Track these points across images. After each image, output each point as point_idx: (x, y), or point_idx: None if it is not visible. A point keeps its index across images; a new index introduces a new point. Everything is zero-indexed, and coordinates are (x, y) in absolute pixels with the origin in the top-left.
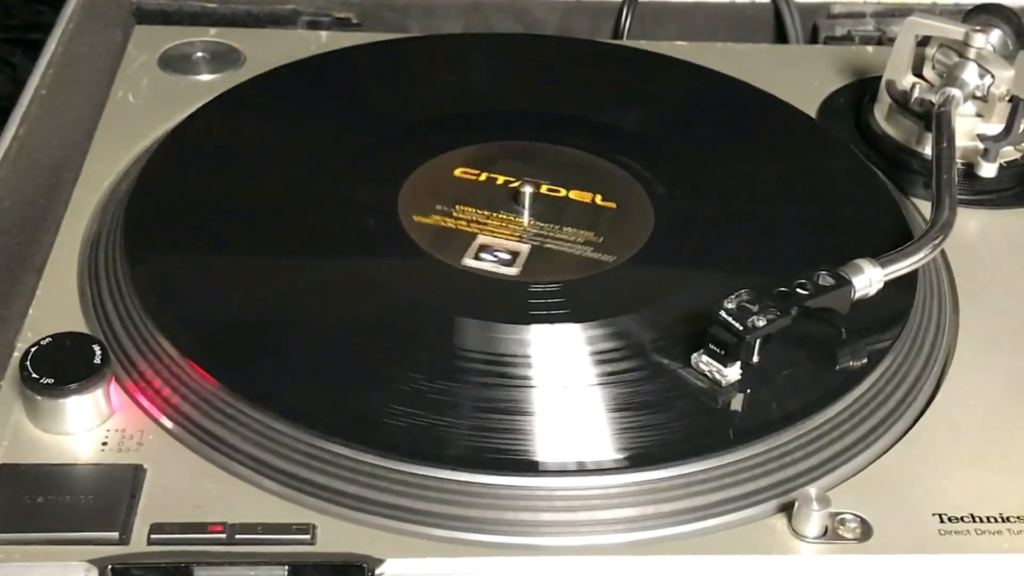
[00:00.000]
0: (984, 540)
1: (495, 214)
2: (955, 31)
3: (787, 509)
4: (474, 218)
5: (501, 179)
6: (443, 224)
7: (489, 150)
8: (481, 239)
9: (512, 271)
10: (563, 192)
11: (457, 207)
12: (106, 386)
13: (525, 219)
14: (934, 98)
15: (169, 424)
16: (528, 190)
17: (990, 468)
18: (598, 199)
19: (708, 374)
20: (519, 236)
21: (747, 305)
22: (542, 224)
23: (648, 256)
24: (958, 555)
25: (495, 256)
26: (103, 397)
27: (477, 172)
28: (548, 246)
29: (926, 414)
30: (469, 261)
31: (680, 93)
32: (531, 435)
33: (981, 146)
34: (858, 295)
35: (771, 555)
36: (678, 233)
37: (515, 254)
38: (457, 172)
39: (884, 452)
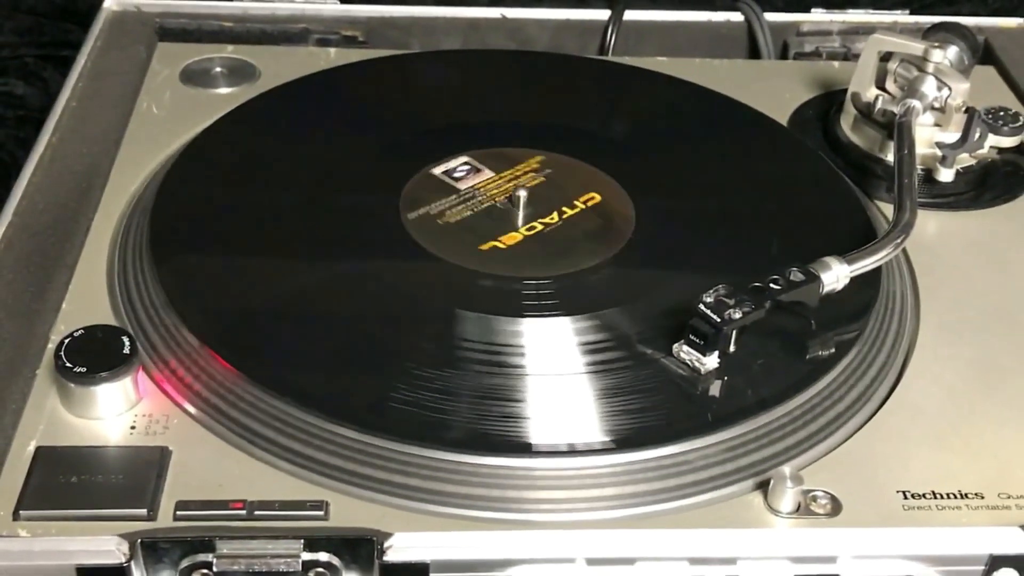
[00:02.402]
0: (944, 515)
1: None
2: (915, 47)
3: (763, 487)
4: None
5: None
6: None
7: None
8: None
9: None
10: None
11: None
12: (134, 374)
13: (519, 220)
14: (896, 109)
15: (192, 409)
16: (521, 194)
17: (950, 449)
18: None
19: (688, 363)
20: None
21: (724, 299)
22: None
23: (632, 254)
24: (921, 528)
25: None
26: (131, 385)
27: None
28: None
29: (890, 400)
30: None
31: (662, 104)
32: (525, 419)
33: (939, 153)
34: (826, 290)
35: (749, 529)
36: (660, 233)
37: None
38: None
39: (852, 435)
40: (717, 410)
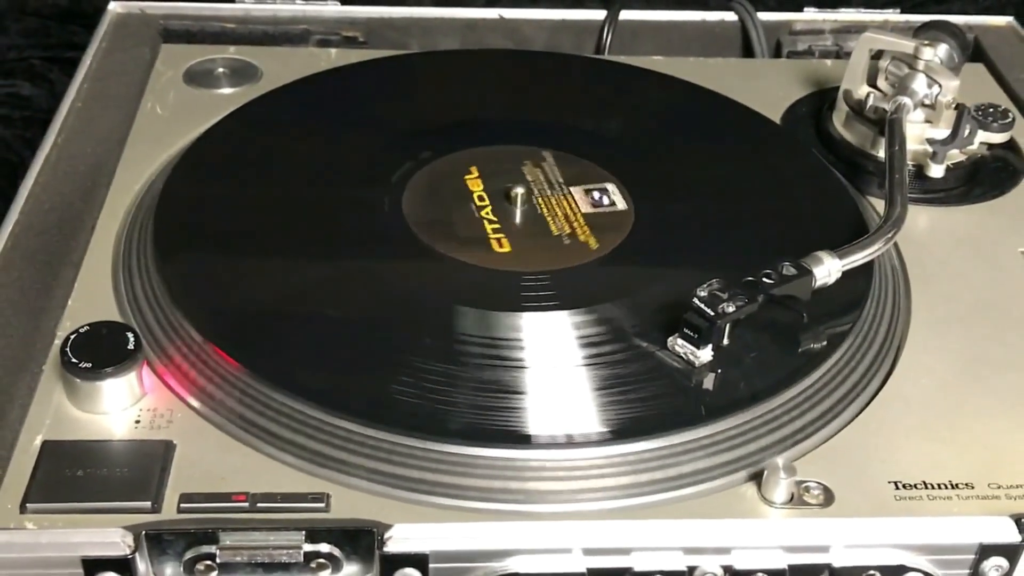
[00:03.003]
0: (935, 504)
1: (490, 212)
2: (906, 45)
3: (757, 478)
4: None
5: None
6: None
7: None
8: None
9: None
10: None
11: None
12: (139, 370)
13: (517, 216)
14: (887, 106)
15: (196, 404)
16: (519, 190)
17: (940, 440)
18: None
19: (683, 356)
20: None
21: (718, 293)
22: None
23: (628, 249)
24: (912, 518)
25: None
26: (136, 380)
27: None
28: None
29: (882, 392)
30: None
31: (657, 102)
32: (524, 411)
33: (930, 149)
34: (819, 284)
35: (743, 519)
36: (655, 228)
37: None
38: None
39: (844, 426)
40: (711, 402)
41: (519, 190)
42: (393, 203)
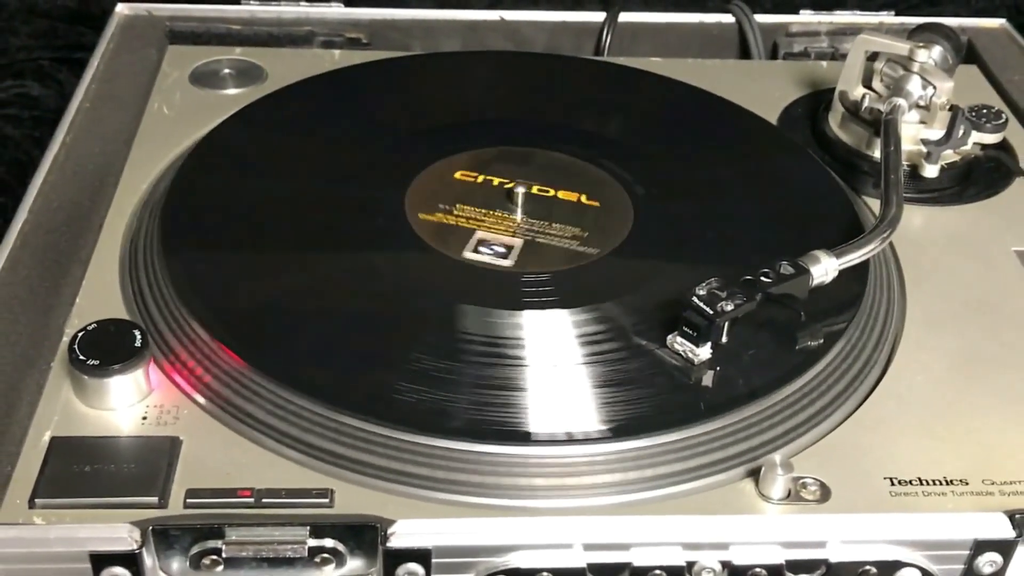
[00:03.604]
0: (930, 501)
1: (491, 212)
2: (901, 47)
3: (754, 474)
4: (472, 216)
5: (496, 181)
6: (445, 221)
7: (485, 155)
8: (479, 234)
9: (507, 263)
10: (552, 192)
11: (457, 206)
12: (145, 367)
13: (518, 216)
14: (882, 107)
15: (202, 400)
16: (520, 191)
17: (935, 437)
18: (583, 198)
19: (682, 353)
20: (513, 232)
21: (716, 292)
22: (533, 221)
23: (628, 249)
24: (907, 514)
25: (492, 249)
26: (143, 376)
27: (474, 175)
28: (539, 240)
29: (878, 389)
30: (469, 254)
31: (655, 103)
32: (524, 409)
33: (924, 150)
34: (815, 282)
35: (740, 515)
36: (655, 228)
37: (509, 247)
38: (457, 175)
39: (841, 423)
40: (710, 399)
41: (520, 189)
42: (396, 202)
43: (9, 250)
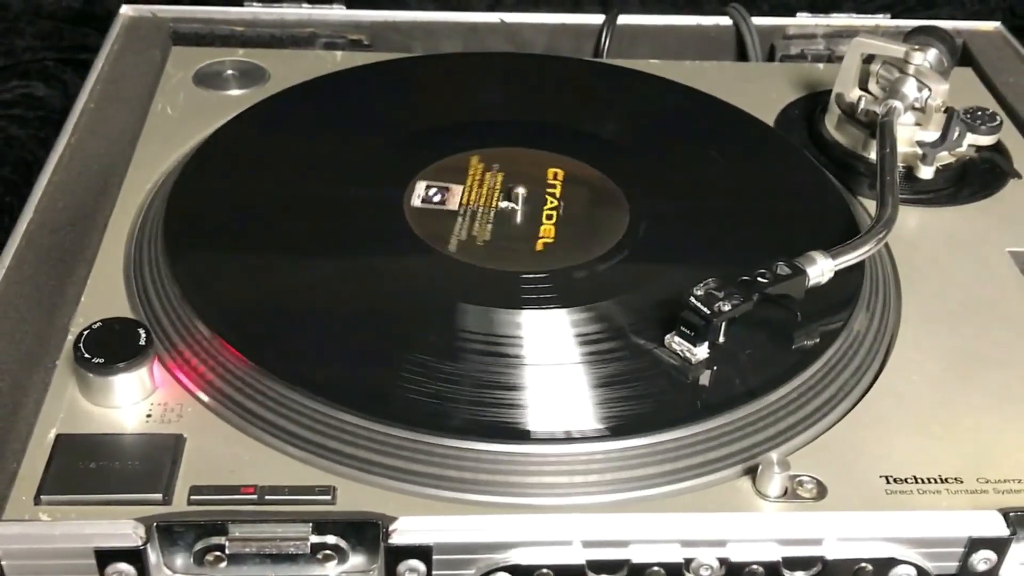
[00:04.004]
0: (925, 498)
1: (491, 212)
2: (896, 50)
3: (751, 472)
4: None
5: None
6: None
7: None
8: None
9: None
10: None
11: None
12: (150, 365)
13: (517, 216)
14: (878, 109)
15: (205, 398)
16: (520, 190)
17: (930, 435)
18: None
19: (680, 353)
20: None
21: (714, 292)
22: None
23: (626, 248)
24: (903, 512)
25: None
26: (147, 374)
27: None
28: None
29: (874, 388)
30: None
31: (653, 105)
32: (524, 407)
33: (920, 152)
34: (812, 283)
35: (738, 513)
36: (652, 228)
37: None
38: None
39: (837, 422)
40: (707, 398)
41: (519, 190)
42: (397, 202)
43: (15, 249)
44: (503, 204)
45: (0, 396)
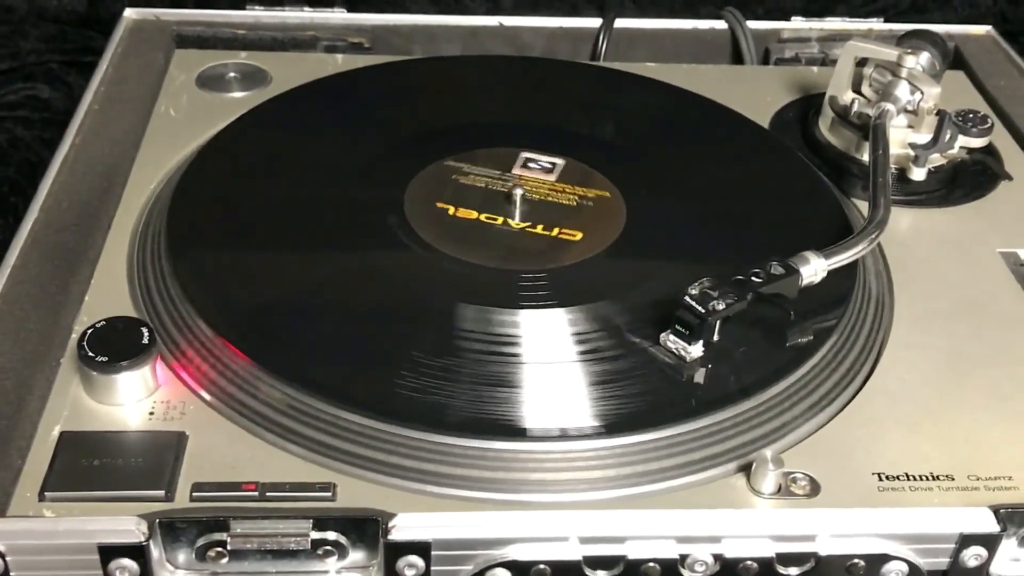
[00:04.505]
0: (917, 495)
1: (490, 213)
2: (889, 53)
3: (746, 469)
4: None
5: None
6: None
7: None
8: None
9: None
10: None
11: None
12: (152, 363)
13: (516, 217)
14: (871, 112)
15: (208, 396)
16: (518, 192)
17: (922, 433)
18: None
19: (675, 351)
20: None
21: (708, 291)
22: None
23: (622, 249)
24: (895, 509)
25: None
26: (150, 373)
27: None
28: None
29: (866, 386)
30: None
31: (650, 107)
32: (521, 405)
33: (912, 153)
34: (805, 282)
35: (732, 509)
36: (648, 228)
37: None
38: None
39: (830, 419)
40: (702, 396)
41: (518, 191)
42: (396, 203)
43: (20, 249)
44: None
45: (5, 394)
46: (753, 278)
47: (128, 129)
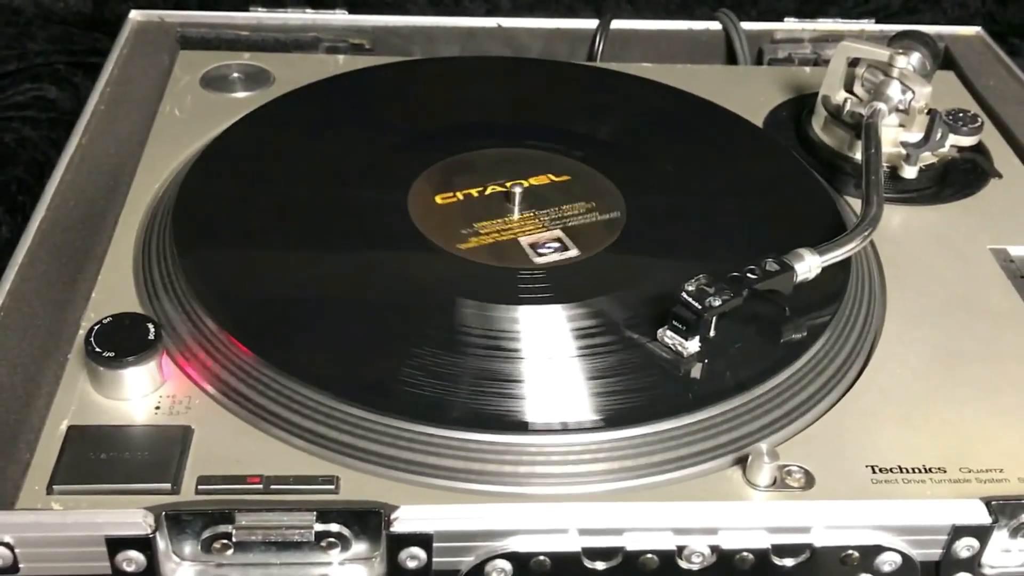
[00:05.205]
0: (910, 487)
1: (489, 211)
2: (881, 54)
3: (741, 462)
4: (472, 214)
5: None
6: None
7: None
8: (524, 240)
9: (573, 253)
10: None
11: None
12: (159, 358)
13: (515, 215)
14: (863, 111)
15: (213, 391)
16: (518, 190)
17: (914, 427)
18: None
19: (672, 347)
20: (543, 227)
21: (705, 288)
22: (530, 217)
23: (620, 246)
24: (888, 501)
25: (549, 248)
26: (156, 368)
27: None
28: (571, 224)
29: (860, 381)
30: (536, 259)
31: (646, 107)
32: (521, 399)
33: (903, 152)
34: (799, 279)
35: (728, 502)
36: (645, 226)
37: (559, 240)
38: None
39: (824, 413)
40: (698, 391)
41: (517, 189)
42: (398, 201)
43: (28, 247)
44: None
45: (14, 389)
46: (748, 275)
47: (133, 129)
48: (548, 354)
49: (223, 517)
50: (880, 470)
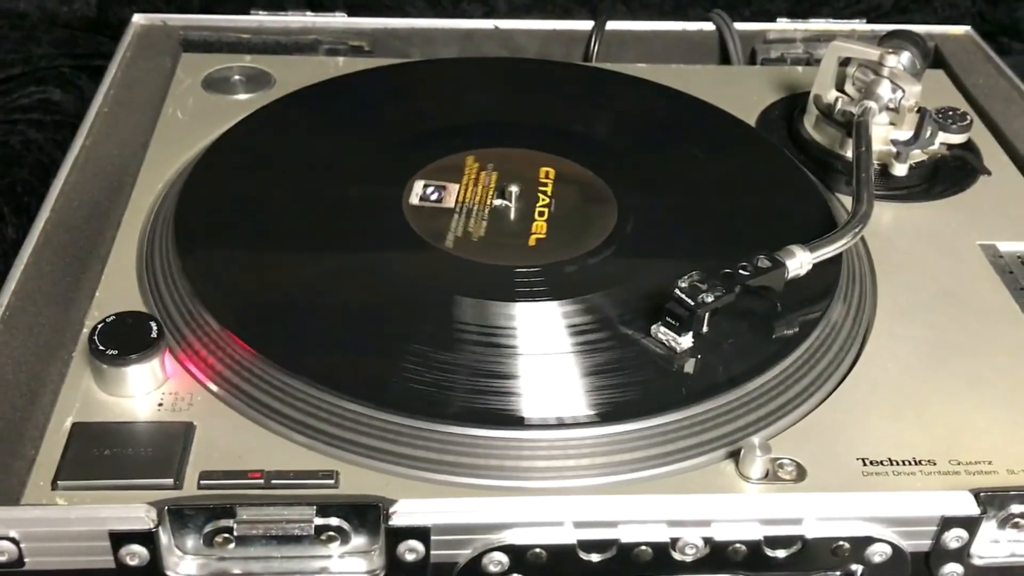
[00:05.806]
0: (900, 480)
1: (486, 210)
2: (872, 53)
3: (734, 456)
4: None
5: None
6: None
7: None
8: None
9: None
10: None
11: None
12: (161, 356)
13: (511, 213)
14: (854, 110)
15: (214, 388)
16: (513, 189)
17: (904, 420)
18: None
19: (665, 343)
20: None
21: (697, 284)
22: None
23: (614, 243)
24: (879, 493)
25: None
26: (159, 365)
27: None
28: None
29: (851, 375)
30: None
31: (640, 106)
32: (518, 395)
33: (894, 150)
34: (791, 275)
35: (721, 494)
36: (639, 224)
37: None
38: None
39: (816, 407)
40: (692, 386)
41: (513, 188)
42: (396, 200)
43: (33, 247)
44: (497, 202)
45: (19, 387)
46: (741, 271)
47: (136, 130)
48: (544, 350)
49: (225, 511)
50: (871, 463)
